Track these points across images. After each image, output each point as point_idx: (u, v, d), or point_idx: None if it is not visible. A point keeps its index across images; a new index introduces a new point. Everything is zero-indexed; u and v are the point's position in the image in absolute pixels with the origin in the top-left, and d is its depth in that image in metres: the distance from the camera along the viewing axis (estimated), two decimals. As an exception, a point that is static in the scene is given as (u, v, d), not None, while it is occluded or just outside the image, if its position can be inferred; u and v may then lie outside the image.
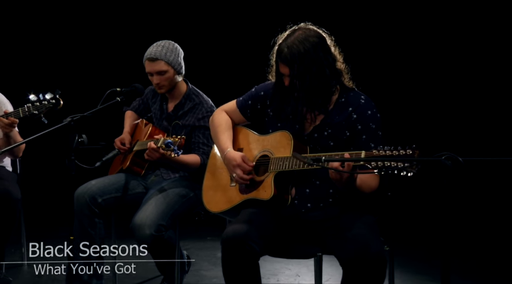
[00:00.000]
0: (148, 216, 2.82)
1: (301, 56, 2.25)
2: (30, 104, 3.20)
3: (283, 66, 2.30)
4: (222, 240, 2.25)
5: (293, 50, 2.26)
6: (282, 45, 2.30)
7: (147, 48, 3.13)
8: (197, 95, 3.22)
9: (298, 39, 2.28)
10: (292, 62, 2.26)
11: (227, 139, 2.54)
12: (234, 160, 2.43)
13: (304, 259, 2.62)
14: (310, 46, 2.27)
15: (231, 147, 2.50)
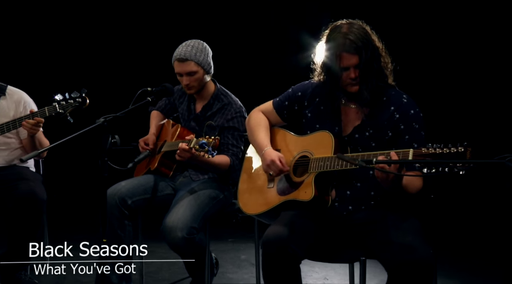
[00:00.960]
0: (180, 219, 2.77)
1: (367, 43, 2.25)
2: (56, 103, 3.16)
3: (350, 56, 2.25)
4: (263, 242, 2.20)
5: (359, 37, 2.24)
6: (345, 37, 2.24)
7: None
8: (225, 95, 3.17)
9: (357, 29, 2.26)
10: (360, 49, 2.23)
11: (265, 138, 2.50)
12: (270, 157, 2.39)
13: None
14: (369, 35, 2.28)
15: (270, 146, 2.46)
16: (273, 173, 2.38)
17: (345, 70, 2.28)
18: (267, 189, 2.47)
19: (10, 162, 3.35)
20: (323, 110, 2.41)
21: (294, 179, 2.37)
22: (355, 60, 2.25)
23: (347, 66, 2.27)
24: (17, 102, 3.37)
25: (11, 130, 3.22)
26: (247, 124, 2.64)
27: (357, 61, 2.25)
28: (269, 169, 2.39)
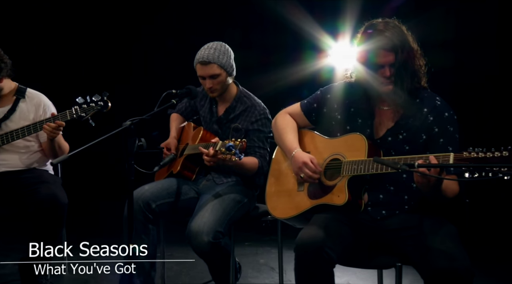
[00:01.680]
0: (206, 223, 2.73)
1: (404, 42, 2.22)
2: (77, 106, 3.14)
3: (387, 54, 2.21)
4: (297, 245, 2.15)
5: (396, 35, 2.21)
6: (381, 34, 2.21)
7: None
8: (248, 97, 3.13)
9: (393, 27, 2.23)
10: (397, 47, 2.20)
11: (294, 140, 2.46)
12: (302, 159, 2.35)
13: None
14: (405, 34, 2.25)
15: (299, 148, 2.42)
16: (304, 176, 2.34)
17: (380, 68, 2.24)
18: (297, 192, 2.42)
19: (30, 165, 3.33)
20: (353, 112, 2.37)
21: (326, 182, 2.33)
22: (391, 58, 2.21)
23: (383, 64, 2.23)
24: (37, 105, 3.34)
25: (31, 134, 3.20)
26: (273, 126, 2.61)
27: (393, 59, 2.21)
28: (300, 171, 2.35)
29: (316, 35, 5.27)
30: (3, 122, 3.29)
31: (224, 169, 3.03)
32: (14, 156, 3.28)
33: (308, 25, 5.23)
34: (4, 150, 3.26)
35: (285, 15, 5.22)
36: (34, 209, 3.06)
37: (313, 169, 2.32)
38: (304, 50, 5.31)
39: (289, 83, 5.19)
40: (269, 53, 5.36)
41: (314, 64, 5.35)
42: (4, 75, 3.22)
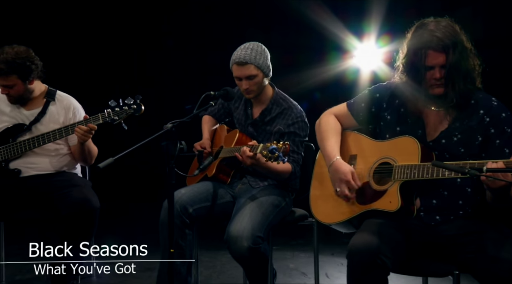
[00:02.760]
0: (245, 228, 2.67)
1: (456, 42, 2.14)
2: (109, 110, 3.09)
3: (437, 55, 2.14)
4: (350, 251, 2.09)
5: (447, 35, 2.13)
6: (431, 34, 2.14)
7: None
8: (284, 99, 3.07)
9: (445, 27, 2.15)
10: (448, 48, 2.12)
11: (334, 146, 2.39)
12: (342, 174, 2.29)
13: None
14: (458, 34, 2.17)
15: (339, 155, 2.35)
16: (339, 192, 2.29)
17: (430, 70, 2.17)
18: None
19: (60, 168, 3.28)
20: (403, 113, 2.30)
21: (375, 187, 2.26)
22: (442, 59, 2.14)
23: (433, 65, 2.16)
24: (67, 108, 3.29)
25: (63, 137, 3.15)
26: (317, 127, 2.54)
27: (443, 61, 2.14)
28: (337, 185, 2.29)
29: (341, 36, 5.22)
30: (33, 125, 3.24)
31: (254, 172, 2.97)
32: (45, 159, 3.24)
33: (332, 25, 5.17)
34: (35, 153, 3.22)
35: (309, 15, 5.16)
36: (66, 213, 3.01)
37: (353, 186, 2.25)
38: (329, 51, 5.26)
39: (313, 84, 5.14)
40: (293, 54, 5.30)
41: (338, 65, 5.29)
42: (34, 76, 3.18)
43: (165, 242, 2.82)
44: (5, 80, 3.08)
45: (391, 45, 5.18)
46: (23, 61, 3.08)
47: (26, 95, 3.20)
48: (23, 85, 3.14)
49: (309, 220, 3.12)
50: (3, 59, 3.04)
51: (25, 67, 3.09)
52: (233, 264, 4.08)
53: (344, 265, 3.99)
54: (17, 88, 3.13)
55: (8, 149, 3.18)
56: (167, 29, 5.72)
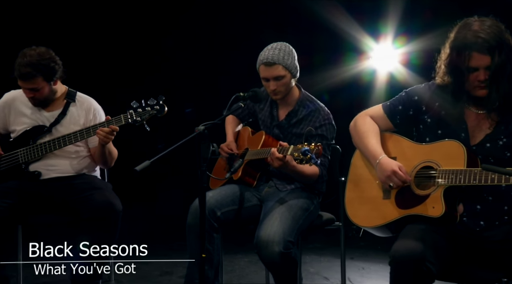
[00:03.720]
0: (276, 232, 2.60)
1: (501, 43, 2.07)
2: (132, 111, 3.03)
3: (481, 57, 2.08)
4: (393, 258, 2.02)
5: (492, 36, 2.06)
6: (476, 35, 2.07)
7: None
8: (311, 101, 3.01)
9: (490, 27, 2.09)
10: (493, 49, 2.06)
11: (377, 145, 2.33)
12: (390, 167, 2.22)
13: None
14: (503, 34, 2.10)
15: (384, 154, 2.29)
16: (394, 185, 2.21)
17: (474, 71, 2.11)
18: (382, 200, 2.29)
19: (80, 171, 3.22)
20: (444, 115, 2.24)
21: (417, 191, 2.20)
22: (487, 61, 2.08)
23: (477, 67, 2.10)
24: (87, 110, 3.23)
25: (84, 138, 3.09)
26: (352, 129, 2.47)
27: (488, 62, 2.08)
28: (389, 180, 2.22)
29: (357, 36, 5.16)
30: (53, 127, 3.18)
31: (287, 176, 2.91)
32: (65, 162, 3.18)
33: (348, 26, 5.12)
34: (55, 155, 3.16)
35: (325, 16, 5.11)
36: (89, 216, 2.95)
37: (403, 178, 2.19)
38: (345, 51, 5.20)
39: (329, 85, 5.08)
40: (309, 55, 5.23)
41: (354, 66, 5.24)
42: (58, 77, 3.12)
43: (192, 246, 2.76)
44: (32, 83, 3.02)
45: (408, 46, 5.13)
46: (48, 62, 3.02)
47: (50, 97, 3.14)
48: (48, 87, 3.08)
49: (336, 224, 3.06)
50: (28, 62, 2.97)
51: (50, 68, 3.03)
52: (252, 268, 4.06)
53: (365, 269, 4.00)
54: (43, 91, 3.07)
55: (29, 151, 3.12)
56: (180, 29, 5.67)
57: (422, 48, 5.06)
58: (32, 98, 3.09)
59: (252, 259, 4.29)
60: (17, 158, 3.13)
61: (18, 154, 3.13)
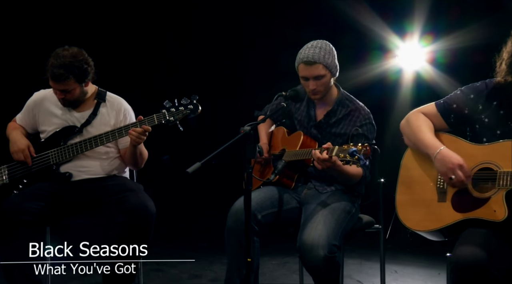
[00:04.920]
0: (320, 236, 2.52)
1: None
2: (165, 110, 2.95)
3: None
4: (456, 264, 1.94)
5: None
6: None
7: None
8: (351, 100, 2.93)
9: None
10: None
11: (434, 138, 2.25)
12: (456, 159, 2.13)
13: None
14: None
15: (443, 146, 2.20)
16: (455, 179, 2.12)
17: None
18: (437, 203, 2.21)
19: (110, 172, 3.14)
20: (503, 115, 2.16)
21: (475, 194, 2.11)
22: None
23: None
24: (118, 110, 3.16)
25: (116, 139, 3.02)
26: (405, 126, 2.39)
27: None
28: (450, 172, 2.13)
29: (383, 35, 5.08)
30: (84, 128, 3.11)
31: (326, 177, 2.83)
32: (96, 163, 3.11)
33: (374, 24, 5.04)
34: (86, 157, 3.08)
35: (350, 13, 5.03)
36: (122, 219, 2.87)
37: (468, 173, 2.11)
38: (370, 50, 5.12)
39: (355, 84, 4.99)
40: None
41: (380, 65, 5.15)
42: (89, 78, 3.05)
43: (232, 250, 2.68)
44: (64, 84, 2.95)
45: (434, 45, 5.05)
46: (81, 64, 2.95)
47: (81, 98, 3.06)
48: (80, 88, 3.01)
49: (375, 226, 2.98)
50: (61, 64, 2.90)
51: (83, 70, 2.96)
52: (282, 271, 3.99)
53: (398, 272, 3.91)
54: (74, 92, 2.99)
55: (60, 152, 3.05)
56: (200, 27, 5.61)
57: (448, 47, 4.99)
58: (63, 99, 3.02)
59: (280, 261, 4.22)
60: (48, 159, 3.06)
61: (49, 155, 3.06)
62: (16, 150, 3.07)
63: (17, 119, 3.22)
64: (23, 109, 3.20)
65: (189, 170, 2.12)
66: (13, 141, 3.11)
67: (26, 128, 3.19)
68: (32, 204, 2.85)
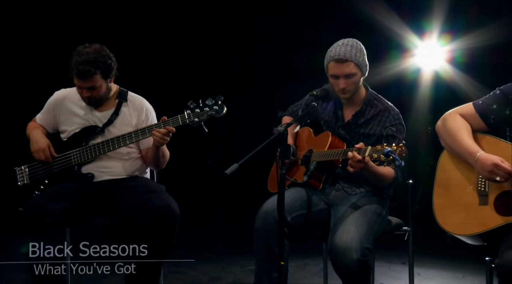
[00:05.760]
0: (353, 238, 2.46)
1: None
2: (189, 111, 2.89)
3: None
4: (504, 268, 1.89)
5: None
6: None
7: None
8: (379, 100, 2.87)
9: None
10: None
11: (473, 143, 2.21)
12: (490, 160, 2.10)
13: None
14: None
15: (481, 151, 2.16)
16: (501, 179, 2.07)
17: None
18: (479, 207, 2.15)
19: (132, 173, 3.09)
20: None
21: None
22: None
23: None
24: (139, 110, 3.10)
25: (140, 139, 2.96)
26: (441, 129, 2.33)
27: None
28: (493, 175, 2.09)
29: (401, 34, 5.02)
30: (106, 128, 3.05)
31: (354, 178, 2.77)
32: (118, 164, 3.05)
33: (392, 23, 4.98)
34: (108, 157, 3.03)
35: (369, 13, 4.96)
36: (146, 221, 2.82)
37: (507, 169, 2.07)
38: (389, 49, 5.06)
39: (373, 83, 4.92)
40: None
41: (398, 64, 5.09)
42: (113, 74, 2.99)
43: (261, 252, 2.63)
44: (90, 81, 2.89)
45: (453, 44, 4.99)
46: (105, 59, 2.90)
47: (106, 96, 3.01)
48: (105, 84, 2.96)
49: (404, 228, 2.93)
50: (86, 60, 2.85)
51: (107, 65, 2.91)
52: (302, 273, 3.93)
53: (421, 275, 3.85)
54: (100, 89, 2.94)
55: (82, 152, 2.99)
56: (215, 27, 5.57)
57: (466, 46, 4.93)
58: (88, 98, 2.96)
59: (299, 263, 4.16)
60: (69, 160, 3.01)
61: (71, 156, 3.01)
62: (36, 150, 3.02)
63: (37, 119, 3.17)
64: (44, 109, 3.14)
65: (227, 171, 2.06)
66: (34, 141, 3.05)
67: (47, 127, 3.14)
68: (55, 205, 2.80)
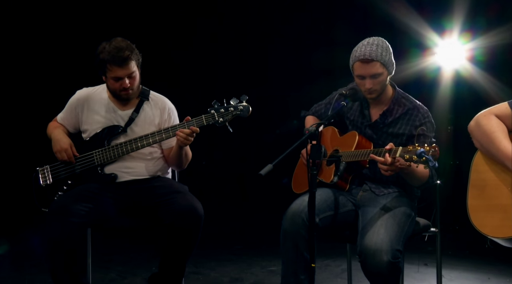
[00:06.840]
0: (383, 240, 2.42)
1: None
2: (214, 111, 2.85)
3: None
4: None
5: None
6: None
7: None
8: (407, 99, 2.82)
9: None
10: None
11: (510, 146, 2.14)
12: None
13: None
14: None
15: None
16: None
17: None
18: None
19: (154, 173, 3.06)
20: None
21: None
22: None
23: None
24: (162, 109, 3.07)
25: (163, 139, 2.93)
26: (475, 129, 2.28)
27: None
28: None
29: (421, 32, 4.96)
30: (128, 127, 3.02)
31: (382, 179, 2.73)
32: (140, 164, 3.02)
33: (412, 21, 4.92)
34: (130, 157, 3.00)
35: (388, 11, 4.91)
36: (170, 221, 2.79)
37: None
38: (409, 47, 5.00)
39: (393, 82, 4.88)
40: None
41: (419, 63, 5.03)
42: (140, 65, 2.96)
43: (288, 253, 2.59)
44: (129, 67, 2.86)
45: (473, 43, 4.92)
46: (132, 46, 2.91)
47: (138, 89, 2.99)
48: (139, 74, 2.96)
49: (432, 230, 2.87)
50: (120, 47, 2.83)
51: (136, 52, 2.92)
52: (324, 274, 3.89)
53: (444, 277, 3.79)
54: (136, 77, 2.93)
55: (105, 152, 2.96)
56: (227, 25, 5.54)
57: (487, 45, 4.87)
58: (129, 89, 2.91)
59: (320, 264, 4.11)
60: (92, 160, 2.98)
61: (94, 156, 2.98)
62: (59, 149, 2.99)
63: (58, 118, 3.15)
64: (65, 108, 3.12)
65: (262, 172, 2.02)
66: (56, 140, 3.02)
67: (68, 127, 3.11)
68: (80, 206, 2.76)
